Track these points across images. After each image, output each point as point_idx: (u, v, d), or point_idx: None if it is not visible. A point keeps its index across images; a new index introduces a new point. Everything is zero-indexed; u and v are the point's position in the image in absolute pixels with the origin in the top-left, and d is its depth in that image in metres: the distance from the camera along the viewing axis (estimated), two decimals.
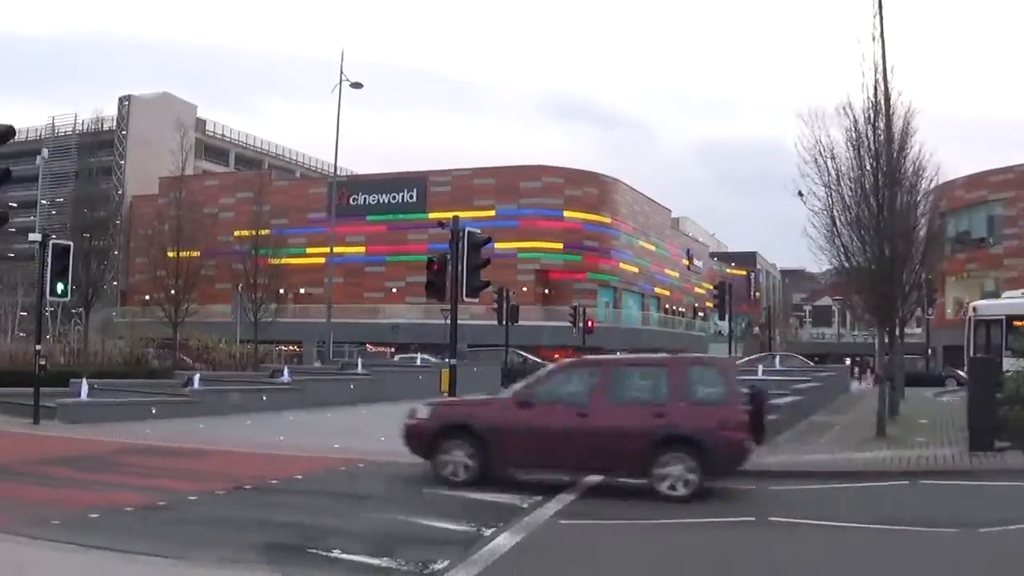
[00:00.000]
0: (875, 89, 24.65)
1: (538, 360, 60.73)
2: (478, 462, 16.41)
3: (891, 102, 25.09)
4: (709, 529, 13.10)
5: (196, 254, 54.69)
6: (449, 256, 21.34)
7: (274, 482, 16.53)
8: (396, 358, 62.56)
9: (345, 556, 10.74)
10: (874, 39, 24.64)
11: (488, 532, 12.16)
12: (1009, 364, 25.40)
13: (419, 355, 59.09)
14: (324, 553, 10.87)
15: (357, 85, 56.12)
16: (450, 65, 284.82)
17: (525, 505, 14.22)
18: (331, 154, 60.48)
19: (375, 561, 10.53)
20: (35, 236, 26.96)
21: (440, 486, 15.97)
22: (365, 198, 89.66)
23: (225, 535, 11.90)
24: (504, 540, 11.74)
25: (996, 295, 53.08)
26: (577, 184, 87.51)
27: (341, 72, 55.80)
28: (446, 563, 10.40)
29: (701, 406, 16.19)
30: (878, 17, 24.79)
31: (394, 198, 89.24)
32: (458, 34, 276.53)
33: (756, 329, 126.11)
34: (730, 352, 67.07)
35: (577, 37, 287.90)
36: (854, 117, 24.68)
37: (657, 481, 15.49)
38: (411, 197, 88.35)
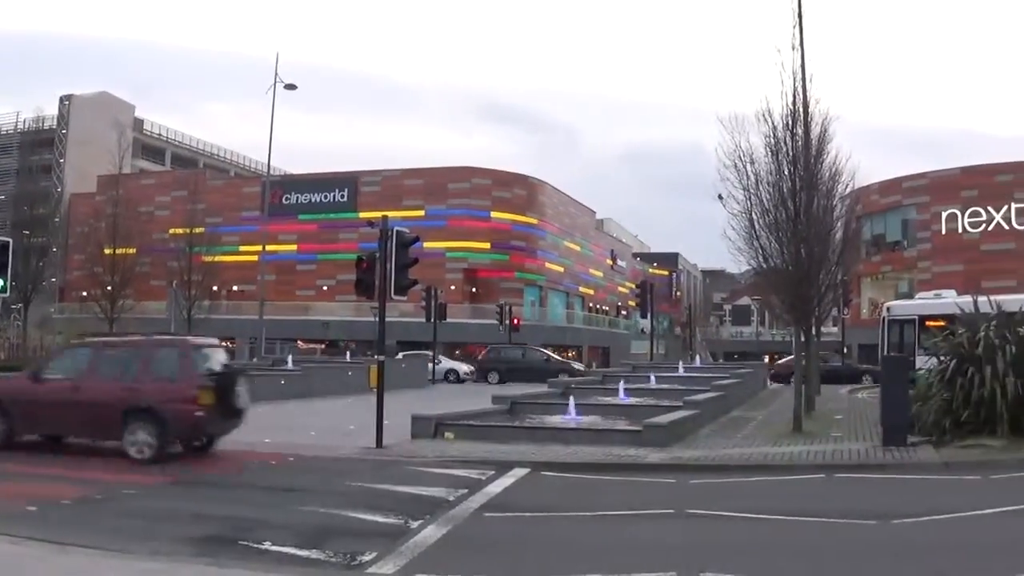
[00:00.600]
0: (794, 97, 24.98)
1: (561, 359, 62.66)
2: (6, 429, 19.22)
3: (809, 109, 25.45)
4: (629, 521, 13.30)
5: (132, 251, 54.67)
6: (378, 255, 21.50)
7: (207, 475, 16.78)
8: (400, 355, 63.20)
9: (275, 548, 10.95)
10: (794, 48, 24.94)
11: (415, 524, 12.37)
12: (921, 363, 26.04)
13: (435, 354, 60.37)
14: (255, 545, 11.07)
15: (291, 87, 55.90)
16: (383, 67, 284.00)
17: (451, 498, 14.44)
18: (265, 154, 60.46)
19: (305, 553, 10.77)
20: None
21: (366, 480, 16.34)
22: (297, 197, 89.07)
23: (159, 527, 12.07)
24: (430, 532, 11.96)
25: (910, 296, 54.22)
26: (505, 185, 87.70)
27: (276, 74, 55.65)
28: (374, 555, 10.63)
29: (162, 382, 18.59)
30: (798, 27, 25.05)
31: (325, 197, 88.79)
32: (390, 37, 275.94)
33: (678, 329, 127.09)
34: (652, 349, 67.73)
35: (507, 42, 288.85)
36: (773, 123, 24.95)
37: (127, 445, 18.22)
38: (342, 197, 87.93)
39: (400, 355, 60.70)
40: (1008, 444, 19.23)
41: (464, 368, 61.09)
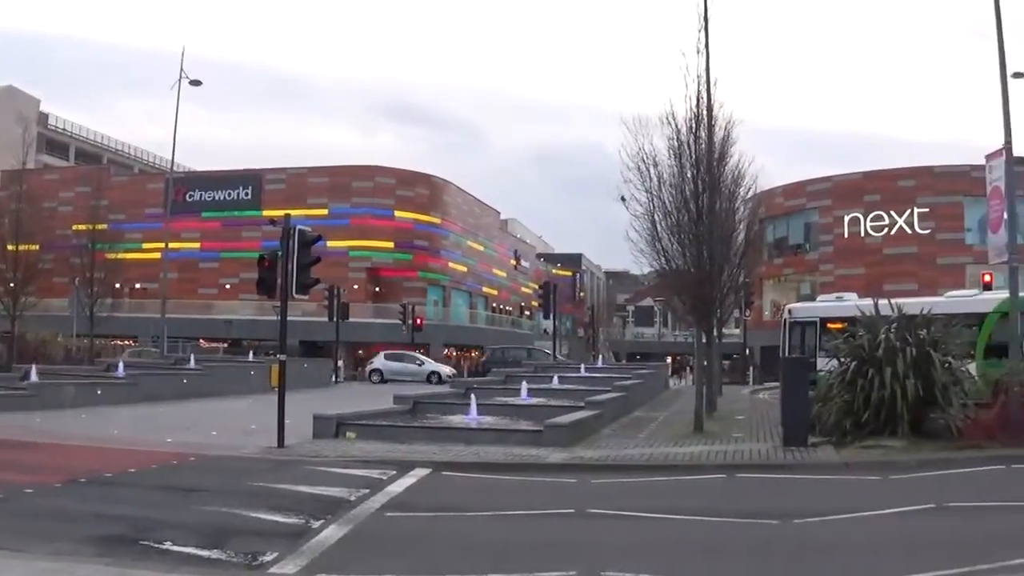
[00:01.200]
0: (698, 100, 25.23)
1: (569, 361, 63.74)
2: None
3: (713, 113, 25.79)
4: (530, 520, 13.33)
5: (35, 248, 53.68)
6: (280, 253, 21.32)
7: (108, 475, 16.41)
8: (379, 356, 63.10)
9: (176, 548, 10.75)
10: (699, 52, 25.15)
11: (316, 524, 12.27)
12: (823, 364, 26.37)
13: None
14: (156, 545, 10.86)
15: (196, 83, 55.21)
16: (287, 64, 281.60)
17: (352, 498, 14.35)
18: (170, 150, 59.51)
19: (206, 553, 10.61)
20: None
21: (267, 480, 16.16)
22: (201, 194, 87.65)
23: (61, 527, 11.82)
24: (332, 532, 11.87)
25: (812, 298, 54.85)
26: (409, 185, 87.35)
27: (181, 69, 54.91)
28: (275, 555, 10.52)
29: None
30: (703, 31, 25.34)
31: (229, 195, 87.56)
32: (295, 34, 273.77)
33: (581, 329, 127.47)
34: (554, 350, 67.91)
35: (413, 41, 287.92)
36: (677, 126, 25.23)
37: None
38: (246, 194, 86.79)
39: (382, 354, 62.47)
40: (908, 445, 19.57)
41: (447, 370, 61.16)
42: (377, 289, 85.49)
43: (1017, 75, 43.40)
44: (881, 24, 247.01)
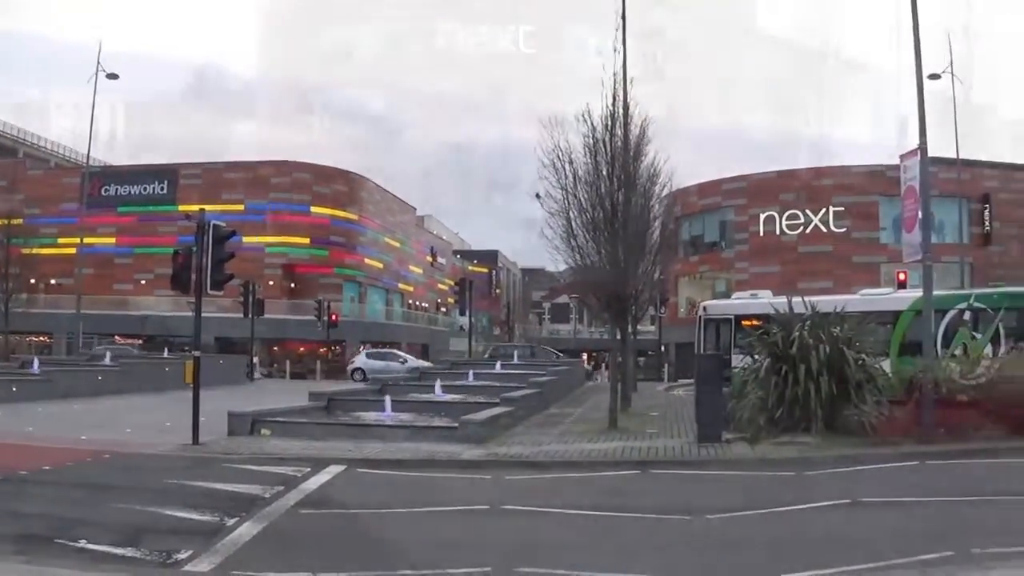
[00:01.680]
0: (614, 98, 25.36)
1: (567, 357, 62.80)
2: None
3: (629, 111, 25.94)
4: (445, 517, 13.35)
5: None
6: (194, 249, 21.13)
7: (23, 473, 16.20)
8: (360, 354, 62.65)
9: (92, 546, 10.66)
10: (615, 50, 25.32)
11: (231, 522, 12.19)
12: (737, 361, 26.56)
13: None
14: (72, 543, 10.77)
15: (113, 76, 54.44)
16: (205, 58, 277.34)
17: (267, 495, 14.28)
18: (86, 144, 58.65)
19: (121, 551, 10.54)
20: None
21: (182, 477, 16.03)
22: (116, 189, 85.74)
23: None
24: (246, 529, 11.83)
25: (727, 296, 55.20)
26: (326, 180, 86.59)
27: (98, 62, 54.21)
28: (189, 552, 10.49)
29: None
30: (620, 30, 25.55)
31: (145, 190, 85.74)
32: (214, 27, 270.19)
33: (497, 327, 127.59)
34: (470, 346, 67.94)
35: (329, 35, 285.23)
36: (593, 124, 25.30)
37: None
38: (162, 189, 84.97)
39: (364, 352, 62.99)
40: (822, 441, 19.75)
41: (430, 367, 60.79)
42: (293, 285, 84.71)
43: (933, 76, 44.17)
44: (800, 23, 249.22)
